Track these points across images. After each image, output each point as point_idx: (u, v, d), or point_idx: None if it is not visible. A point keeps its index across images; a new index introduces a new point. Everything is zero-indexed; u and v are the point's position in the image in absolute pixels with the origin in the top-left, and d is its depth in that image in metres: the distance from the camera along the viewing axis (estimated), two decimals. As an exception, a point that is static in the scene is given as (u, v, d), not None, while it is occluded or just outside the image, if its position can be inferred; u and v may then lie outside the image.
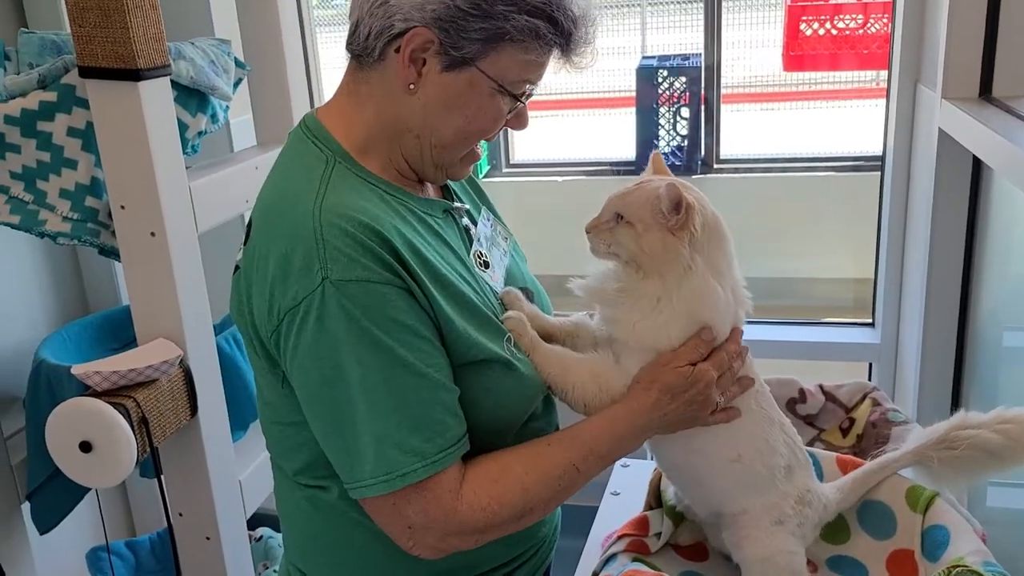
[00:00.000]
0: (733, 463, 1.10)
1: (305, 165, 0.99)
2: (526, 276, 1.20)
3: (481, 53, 0.94)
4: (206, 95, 1.65)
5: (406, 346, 0.92)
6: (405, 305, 0.92)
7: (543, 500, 0.99)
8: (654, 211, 1.00)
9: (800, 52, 4.17)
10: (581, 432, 1.03)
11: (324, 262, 0.90)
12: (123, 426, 1.35)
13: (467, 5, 0.92)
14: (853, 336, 2.45)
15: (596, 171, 4.69)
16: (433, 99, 0.97)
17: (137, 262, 1.49)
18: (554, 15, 0.94)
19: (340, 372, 0.91)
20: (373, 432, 0.92)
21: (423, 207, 1.03)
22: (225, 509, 1.63)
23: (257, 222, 0.99)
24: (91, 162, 1.54)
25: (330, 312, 0.90)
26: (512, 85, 0.98)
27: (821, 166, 4.32)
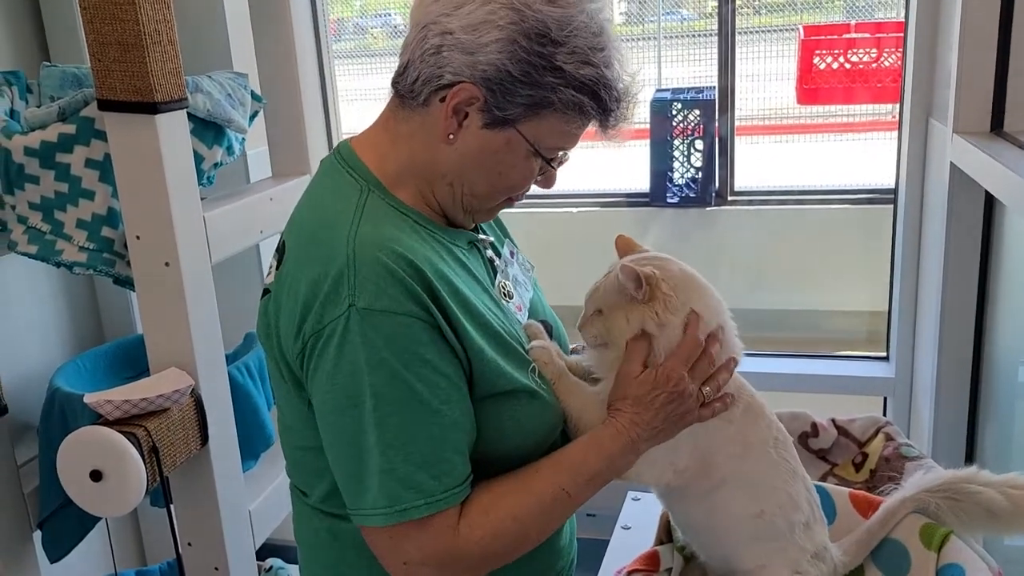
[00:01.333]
0: (755, 519, 1.08)
1: (340, 193, 1.00)
2: (546, 310, 1.21)
3: (523, 116, 0.96)
4: (222, 127, 1.67)
5: (423, 381, 0.92)
6: (428, 340, 0.93)
7: (536, 528, 1.00)
8: (623, 293, 1.02)
9: (814, 85, 4.18)
10: (568, 455, 1.03)
11: (353, 289, 0.91)
12: (133, 455, 1.35)
13: (518, 71, 0.93)
14: (867, 370, 2.43)
15: (610, 203, 4.70)
16: (470, 152, 0.98)
17: (151, 292, 1.51)
18: (600, 92, 0.96)
19: (355, 400, 0.92)
20: (379, 463, 0.92)
21: (450, 238, 1.04)
22: (234, 539, 1.63)
23: (291, 248, 1.00)
24: (108, 193, 1.56)
25: (352, 339, 0.91)
26: (547, 150, 1.00)
27: (835, 199, 4.31)
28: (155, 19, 1.39)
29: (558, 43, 0.93)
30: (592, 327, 1.07)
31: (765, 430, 1.10)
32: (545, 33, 0.93)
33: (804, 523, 1.10)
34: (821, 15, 5.35)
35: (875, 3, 5.13)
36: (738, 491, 1.08)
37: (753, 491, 1.08)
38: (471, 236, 1.08)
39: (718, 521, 1.11)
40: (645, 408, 1.01)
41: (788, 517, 1.08)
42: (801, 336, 3.97)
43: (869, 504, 1.25)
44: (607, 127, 1.00)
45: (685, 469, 1.07)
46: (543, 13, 0.93)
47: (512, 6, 0.93)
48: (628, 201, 4.68)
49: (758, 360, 2.55)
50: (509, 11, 0.93)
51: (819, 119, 5.02)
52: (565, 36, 0.93)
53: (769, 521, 1.08)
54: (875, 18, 4.92)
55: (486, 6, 0.93)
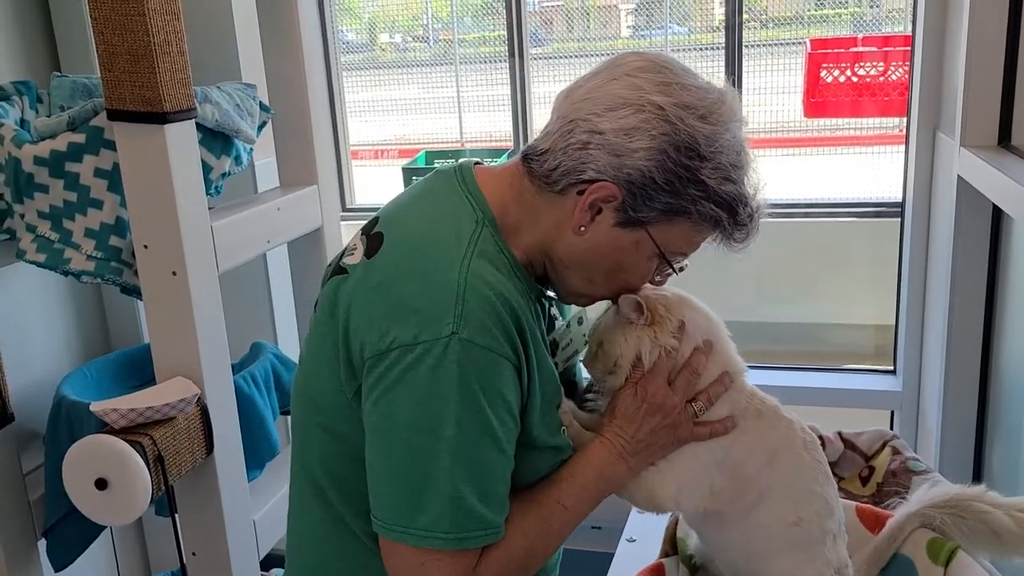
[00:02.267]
0: (793, 527, 1.08)
1: (456, 216, 1.01)
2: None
3: (656, 220, 0.98)
4: (230, 138, 1.68)
5: (500, 421, 0.95)
6: (512, 383, 0.96)
7: (542, 547, 1.03)
8: (623, 323, 1.05)
9: (821, 98, 4.18)
10: (559, 471, 1.06)
11: (459, 318, 0.93)
12: (138, 464, 1.36)
13: (662, 179, 0.95)
14: (874, 383, 2.42)
15: (617, 215, 4.68)
16: (596, 245, 1.00)
17: (158, 300, 1.51)
18: (736, 208, 0.99)
19: (437, 423, 0.93)
20: (449, 490, 0.94)
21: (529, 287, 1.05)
22: (239, 549, 1.63)
23: (391, 246, 1.01)
24: (116, 202, 1.57)
25: (448, 365, 0.92)
26: (672, 254, 1.02)
27: (842, 212, 4.30)
28: (165, 30, 1.40)
29: (705, 158, 0.95)
30: (598, 362, 1.09)
31: (787, 431, 1.09)
32: (694, 148, 0.95)
33: (834, 534, 1.09)
34: (828, 29, 5.36)
35: (882, 17, 5.14)
36: (777, 502, 1.08)
37: (791, 498, 1.08)
38: (540, 291, 1.09)
39: (755, 539, 1.10)
40: (628, 421, 1.05)
41: (823, 524, 1.08)
42: (807, 349, 3.96)
43: (876, 518, 1.24)
44: (733, 240, 1.02)
45: (721, 490, 1.07)
46: (694, 128, 0.95)
47: (666, 118, 0.95)
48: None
49: (764, 373, 2.54)
50: (663, 122, 0.95)
51: (826, 132, 5.02)
52: (712, 152, 0.95)
53: (806, 529, 1.07)
54: (882, 32, 4.92)
55: (640, 113, 0.95)
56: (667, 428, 1.05)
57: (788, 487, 1.08)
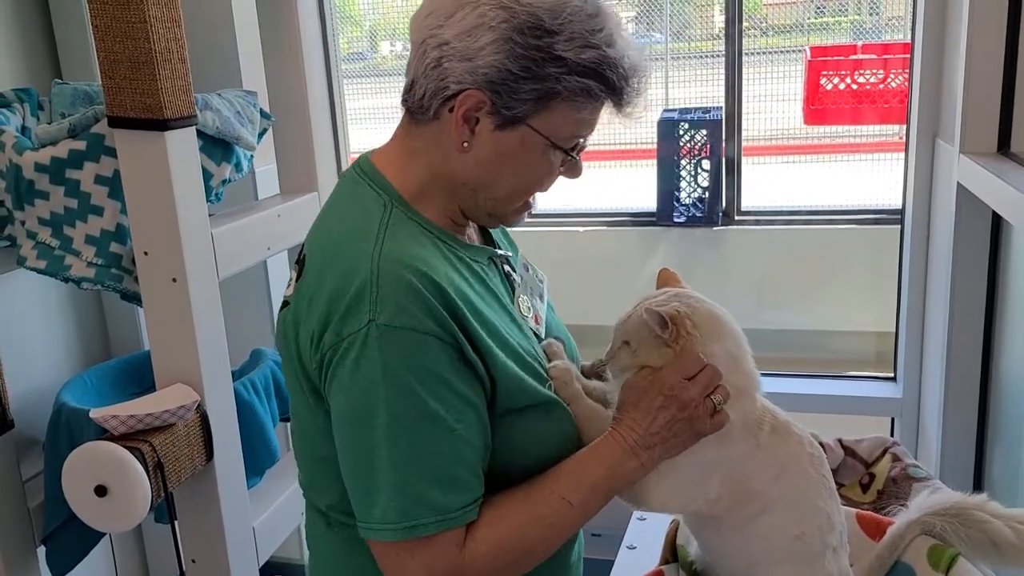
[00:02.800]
0: (795, 540, 1.06)
1: (364, 207, 1.01)
2: (558, 326, 1.21)
3: (533, 112, 0.96)
4: (231, 145, 1.68)
5: (439, 399, 0.92)
6: (446, 359, 0.93)
7: (540, 540, 0.99)
8: (650, 332, 1.02)
9: (821, 106, 4.19)
10: (567, 466, 1.02)
11: (374, 304, 0.91)
12: (138, 470, 1.36)
13: (518, 68, 0.93)
14: (875, 390, 2.41)
15: (617, 222, 4.71)
16: (486, 157, 0.98)
17: (158, 307, 1.51)
18: (605, 73, 0.95)
19: (369, 414, 0.92)
20: (391, 479, 0.92)
21: (471, 254, 1.04)
22: (238, 556, 1.63)
23: (313, 260, 1.01)
24: (117, 209, 1.57)
25: (370, 354, 0.91)
26: (564, 141, 0.99)
27: (842, 219, 4.31)
28: (166, 37, 1.41)
29: (554, 32, 0.93)
30: (620, 360, 1.06)
31: (797, 447, 1.08)
32: (539, 25, 0.92)
33: (834, 547, 1.08)
34: (828, 36, 5.38)
35: (882, 25, 5.15)
36: (779, 515, 1.06)
37: (795, 512, 1.06)
38: (490, 251, 1.09)
39: (755, 548, 1.08)
40: (642, 414, 1.00)
41: (825, 539, 1.07)
42: (808, 356, 3.96)
43: (876, 525, 1.24)
44: (622, 106, 0.99)
45: (718, 499, 1.05)
46: (533, 5, 0.93)
47: (501, 4, 0.93)
48: (635, 220, 4.69)
49: (765, 380, 2.53)
50: (499, 10, 0.93)
51: (826, 139, 5.03)
52: (560, 24, 0.93)
53: (808, 543, 1.06)
54: (882, 40, 4.94)
55: (476, 10, 0.93)
56: (684, 421, 0.99)
57: (793, 501, 1.07)
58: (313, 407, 1.01)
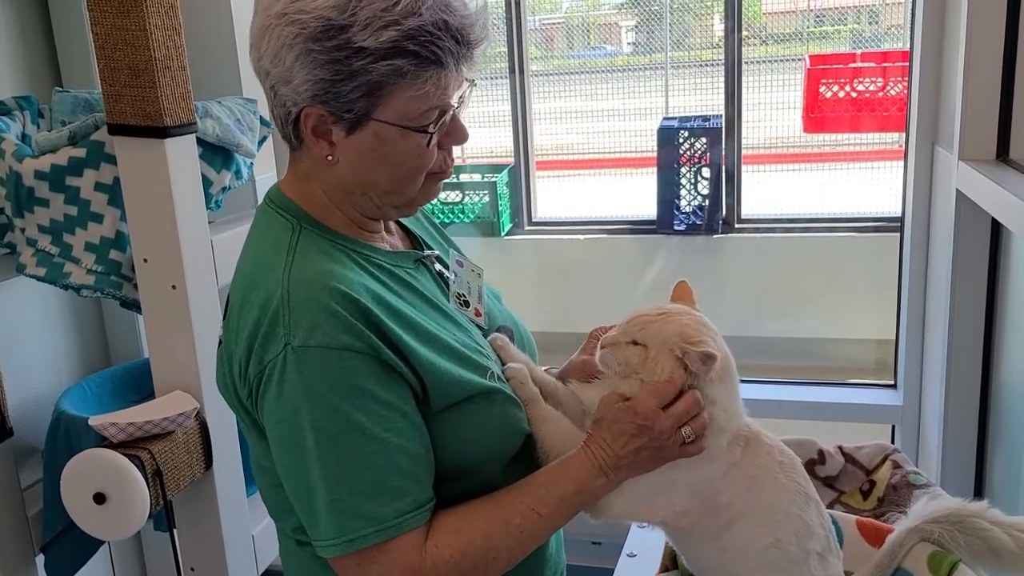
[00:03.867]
0: (770, 549, 1.05)
1: (273, 236, 1.01)
2: (504, 314, 1.21)
3: (370, 107, 0.95)
4: (231, 152, 1.68)
5: (363, 411, 0.93)
6: (366, 370, 0.93)
7: (506, 548, 0.99)
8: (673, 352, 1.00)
9: (820, 114, 4.20)
10: (538, 477, 1.03)
11: (288, 327, 0.92)
12: (136, 478, 1.35)
13: (330, 74, 0.93)
14: (875, 397, 2.41)
15: (618, 229, 4.71)
16: (355, 161, 0.99)
17: (158, 314, 1.51)
18: (410, 48, 0.92)
19: (297, 436, 0.93)
20: (326, 496, 0.93)
21: (393, 260, 1.05)
22: (237, 564, 1.62)
23: (234, 295, 1.02)
24: (116, 216, 1.57)
25: (289, 377, 0.92)
26: (418, 120, 0.97)
27: (842, 227, 4.31)
28: (166, 45, 1.41)
29: (346, 26, 0.91)
30: (622, 354, 1.04)
31: (766, 457, 1.07)
32: (329, 26, 0.91)
33: (819, 553, 1.07)
34: (827, 45, 5.39)
35: (881, 34, 5.17)
36: (750, 525, 1.05)
37: (766, 521, 1.06)
38: (416, 255, 1.09)
39: (731, 558, 1.08)
40: (614, 436, 1.01)
41: (803, 545, 1.06)
42: (808, 364, 3.96)
43: (877, 532, 1.24)
44: (460, 66, 0.96)
45: (686, 512, 1.05)
46: (319, 8, 0.92)
47: (290, 20, 0.92)
48: (635, 228, 4.70)
49: (765, 387, 2.53)
50: (289, 27, 0.93)
51: (826, 148, 5.03)
52: (350, 16, 0.91)
53: (784, 550, 1.05)
54: (881, 48, 4.95)
55: (273, 33, 0.94)
56: (653, 450, 1.01)
57: (763, 510, 1.06)
58: (257, 438, 1.02)
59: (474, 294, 1.15)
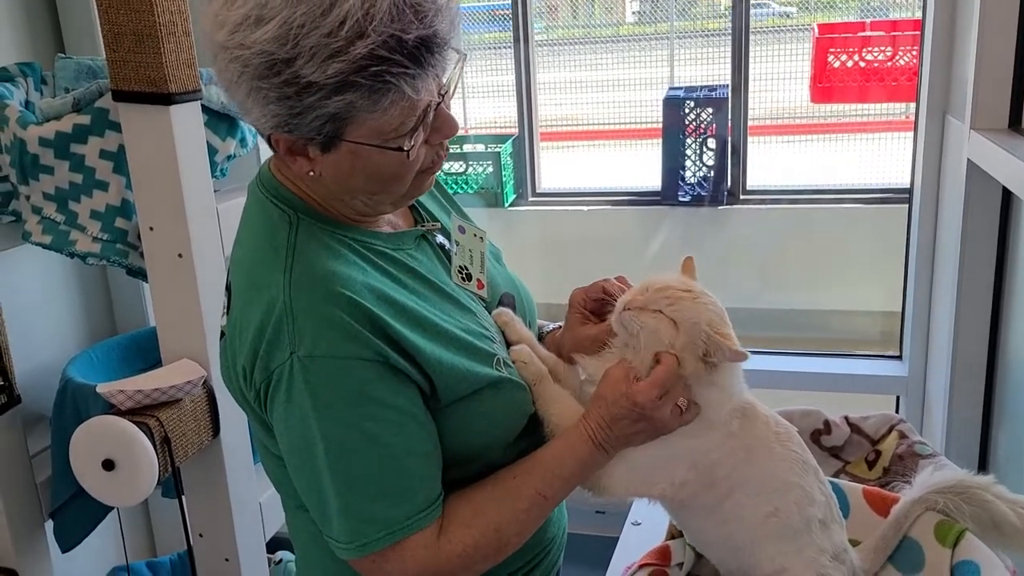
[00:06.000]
0: (769, 518, 1.06)
1: (270, 228, 0.98)
2: (507, 279, 1.19)
3: (338, 131, 0.89)
4: (236, 120, 1.67)
5: (372, 418, 0.93)
6: (373, 376, 0.93)
7: (515, 534, 1.01)
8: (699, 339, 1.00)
9: (828, 84, 4.15)
10: (542, 459, 1.03)
11: (293, 336, 0.91)
12: (145, 445, 1.36)
13: (284, 109, 0.86)
14: (880, 369, 2.41)
15: (622, 201, 4.69)
16: (336, 175, 0.95)
17: (164, 283, 1.51)
18: (360, 81, 0.83)
19: (307, 444, 0.93)
20: (338, 503, 0.94)
21: (393, 244, 1.03)
22: (245, 531, 1.63)
23: (235, 291, 1.00)
24: (122, 184, 1.56)
25: (296, 386, 0.91)
26: (393, 137, 0.90)
27: (848, 198, 4.29)
28: (170, 10, 1.39)
29: (291, 60, 0.82)
30: (649, 322, 1.01)
31: (763, 427, 1.08)
32: (273, 61, 0.83)
33: (820, 520, 1.07)
34: (836, 15, 5.32)
35: (890, 3, 5.10)
36: (749, 495, 1.06)
37: (764, 491, 1.06)
38: (417, 232, 1.07)
39: (732, 530, 1.08)
40: (613, 420, 1.01)
41: (804, 512, 1.06)
42: (813, 336, 3.95)
43: (883, 500, 1.24)
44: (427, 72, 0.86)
45: (684, 483, 1.05)
46: (259, 42, 0.83)
47: (233, 56, 0.85)
48: (639, 199, 4.67)
49: (769, 359, 2.53)
50: (233, 63, 0.85)
51: (832, 119, 4.99)
52: (293, 48, 0.82)
53: (784, 520, 1.06)
54: (890, 17, 4.89)
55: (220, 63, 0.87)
56: (652, 430, 1.02)
57: (760, 480, 1.06)
58: (263, 431, 1.03)
59: (476, 263, 1.13)
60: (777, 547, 1.07)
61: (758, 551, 1.08)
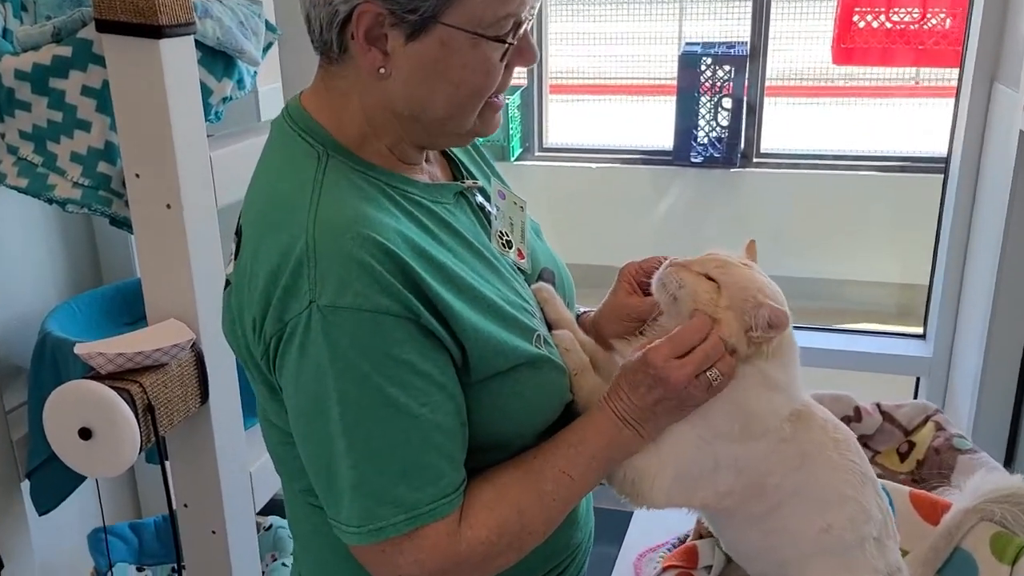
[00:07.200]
0: (822, 534, 0.96)
1: (295, 165, 0.88)
2: (548, 255, 1.09)
3: (441, 6, 0.82)
4: (233, 58, 1.54)
5: (399, 384, 0.81)
6: (403, 336, 0.82)
7: (542, 520, 0.90)
8: (745, 307, 0.90)
9: (851, 44, 4.00)
10: (565, 437, 0.92)
11: (314, 283, 0.80)
12: (126, 414, 1.25)
13: None
14: (901, 348, 2.32)
15: (632, 159, 4.58)
16: (411, 75, 0.85)
17: (150, 236, 1.40)
18: None
19: (320, 407, 0.82)
20: (351, 477, 0.82)
21: (431, 195, 0.92)
22: (234, 502, 1.54)
23: (247, 234, 0.89)
24: (106, 125, 1.44)
25: (314, 339, 0.80)
26: (493, 27, 0.84)
27: (865, 165, 4.17)
28: (161, -69, 1.26)
29: None
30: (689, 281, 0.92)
31: (820, 432, 0.97)
32: None
33: (875, 538, 0.97)
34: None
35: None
36: (800, 507, 0.96)
37: (818, 504, 0.96)
38: (457, 187, 0.96)
39: (777, 543, 0.99)
40: (631, 388, 0.91)
41: (858, 530, 0.96)
42: (825, 306, 3.86)
43: (933, 506, 1.14)
44: None
45: (729, 492, 0.95)
46: None
47: None
48: (650, 159, 4.56)
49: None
50: None
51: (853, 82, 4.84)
52: None
53: (837, 536, 0.96)
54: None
55: None
56: (675, 400, 0.90)
57: (815, 492, 0.97)
58: (268, 395, 0.91)
59: (516, 232, 1.02)
60: (826, 564, 0.97)
61: (805, 568, 0.98)
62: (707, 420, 0.92)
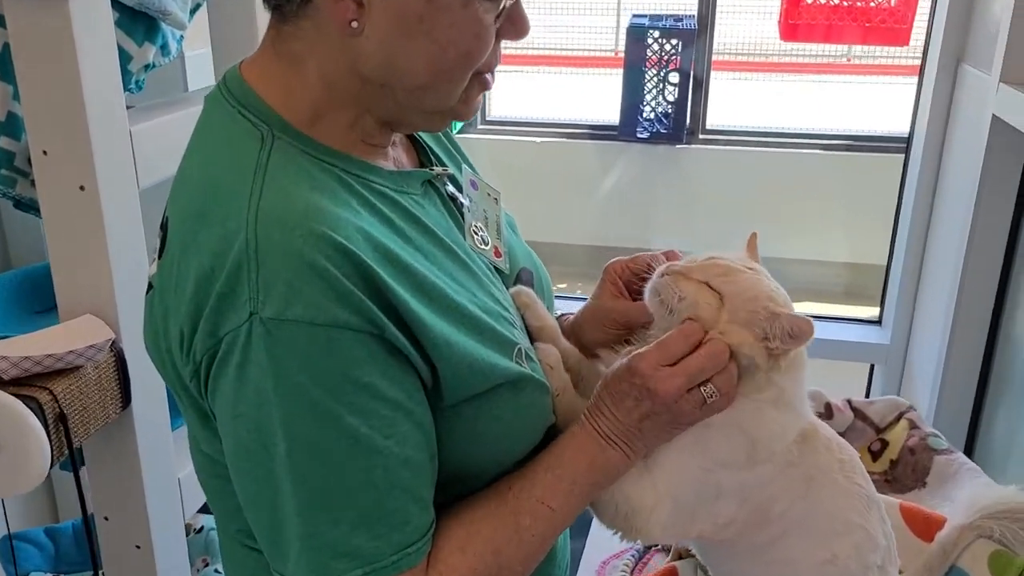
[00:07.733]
0: (827, 565, 0.89)
1: (233, 147, 0.75)
2: (521, 248, 0.98)
3: None
4: (156, 20, 1.40)
5: (358, 412, 0.69)
6: (364, 355, 0.70)
7: (519, 558, 0.79)
8: (756, 317, 0.81)
9: (799, 20, 3.96)
10: (543, 461, 0.82)
11: (256, 290, 0.67)
12: (33, 425, 1.10)
13: None
14: (856, 334, 2.28)
15: (576, 134, 4.49)
16: (388, 33, 0.72)
17: (62, 221, 1.24)
18: None
19: (263, 441, 0.69)
20: (299, 526, 0.70)
21: (396, 184, 0.80)
22: (160, 513, 1.40)
23: (175, 228, 0.76)
24: (8, 94, 1.29)
25: (255, 359, 0.68)
26: None
27: (811, 143, 4.16)
28: None
29: None
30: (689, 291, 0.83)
31: (825, 455, 0.90)
32: None
33: (879, 566, 0.91)
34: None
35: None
36: (805, 537, 0.89)
37: (823, 533, 0.89)
38: (425, 175, 0.84)
39: (777, 574, 0.92)
40: (615, 403, 0.81)
41: (864, 559, 0.89)
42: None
43: (926, 522, 1.08)
44: None
45: (730, 523, 0.87)
46: None
47: None
48: (595, 133, 4.48)
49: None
50: None
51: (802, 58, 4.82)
52: None
53: (843, 566, 0.89)
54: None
55: None
56: (666, 416, 0.80)
57: (820, 520, 0.90)
58: (199, 423, 0.78)
59: (492, 227, 0.90)
60: None
61: None
62: (709, 446, 0.83)
